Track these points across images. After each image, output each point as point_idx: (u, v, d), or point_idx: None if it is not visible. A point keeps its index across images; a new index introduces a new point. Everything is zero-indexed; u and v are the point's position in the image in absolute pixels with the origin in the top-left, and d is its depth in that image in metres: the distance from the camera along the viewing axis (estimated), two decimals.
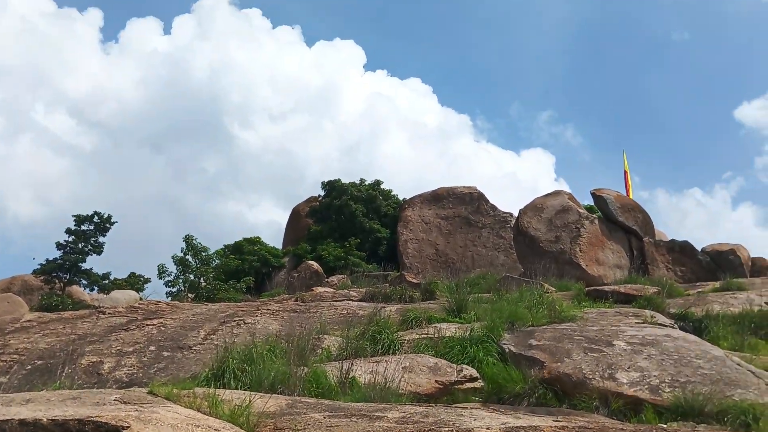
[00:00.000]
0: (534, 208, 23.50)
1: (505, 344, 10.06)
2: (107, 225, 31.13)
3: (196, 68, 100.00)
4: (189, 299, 25.21)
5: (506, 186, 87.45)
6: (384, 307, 13.19)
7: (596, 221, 22.45)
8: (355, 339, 10.21)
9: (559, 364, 8.95)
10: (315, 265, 30.44)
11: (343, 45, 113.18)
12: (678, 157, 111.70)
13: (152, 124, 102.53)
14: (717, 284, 17.48)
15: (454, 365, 9.17)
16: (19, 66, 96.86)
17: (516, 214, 25.70)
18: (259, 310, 14.38)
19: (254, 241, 36.13)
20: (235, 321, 12.94)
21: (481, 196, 33.24)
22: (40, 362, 10.73)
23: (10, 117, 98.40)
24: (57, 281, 29.77)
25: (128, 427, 4.28)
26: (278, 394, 7.11)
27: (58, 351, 11.01)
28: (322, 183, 38.59)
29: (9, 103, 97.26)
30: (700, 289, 17.14)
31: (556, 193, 24.40)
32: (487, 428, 4.28)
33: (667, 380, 8.19)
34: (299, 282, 27.48)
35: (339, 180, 38.15)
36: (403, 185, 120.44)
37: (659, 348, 9.25)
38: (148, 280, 36.09)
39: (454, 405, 7.17)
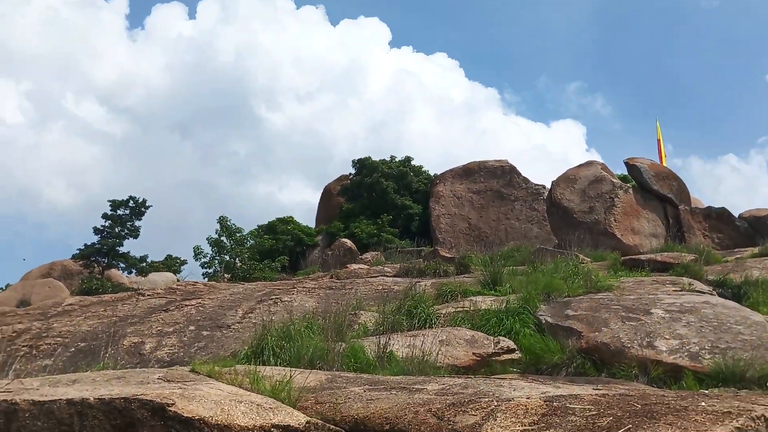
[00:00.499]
0: (567, 179, 23.30)
1: (541, 315, 10.04)
2: (142, 209, 31.57)
3: (222, 52, 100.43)
4: (225, 279, 25.49)
5: (536, 158, 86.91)
6: (419, 282, 13.21)
7: (630, 191, 22.21)
8: (391, 314, 10.24)
9: (596, 333, 8.92)
10: (348, 242, 30.56)
11: (368, 23, 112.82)
12: (710, 124, 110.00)
13: (180, 109, 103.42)
14: (755, 250, 17.24)
15: (491, 337, 9.17)
16: (48, 55, 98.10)
17: (548, 186, 25.53)
18: (295, 288, 14.49)
19: (287, 221, 36.35)
20: (271, 299, 13.05)
21: (512, 169, 33.04)
22: (83, 344, 10.95)
23: (41, 106, 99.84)
24: (96, 265, 30.29)
25: (173, 404, 4.36)
26: (317, 369, 7.17)
27: (100, 333, 11.22)
28: (353, 161, 38.66)
29: (39, 92, 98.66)
30: (738, 256, 16.92)
31: (589, 164, 24.14)
32: (528, 398, 4.29)
33: (706, 347, 8.13)
34: (333, 260, 27.62)
35: (369, 158, 38.13)
36: (431, 161, 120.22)
37: (698, 315, 9.17)
38: (184, 262, 36.62)
39: (492, 376, 7.20)
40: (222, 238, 30.03)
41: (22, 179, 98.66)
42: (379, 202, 35.40)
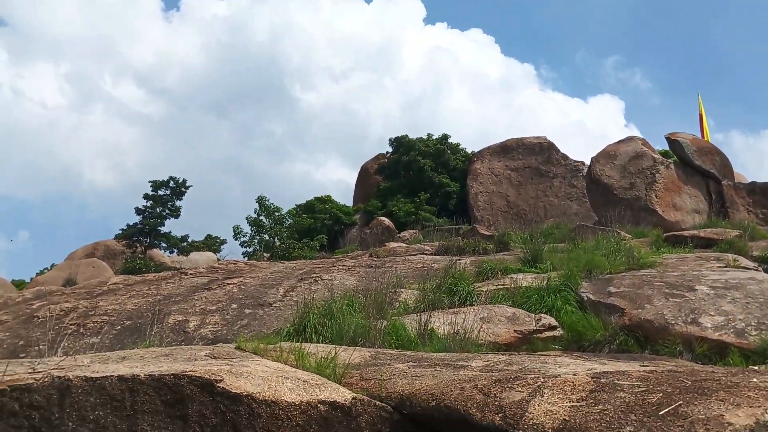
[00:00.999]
0: (606, 155, 23.02)
1: (583, 292, 9.98)
2: (183, 189, 31.96)
3: (256, 31, 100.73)
4: (265, 258, 25.70)
5: (574, 134, 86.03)
6: (458, 260, 13.19)
7: (672, 166, 21.88)
8: (431, 291, 10.26)
9: (639, 310, 8.84)
10: (386, 221, 30.60)
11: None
12: (753, 98, 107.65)
13: (216, 90, 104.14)
14: None
15: (532, 314, 9.15)
16: (86, 38, 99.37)
17: (587, 162, 25.26)
18: (334, 266, 14.56)
19: (325, 200, 36.51)
20: (312, 278, 13.14)
21: (551, 146, 32.75)
22: (128, 322, 11.15)
23: (81, 88, 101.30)
24: (138, 245, 30.78)
25: (222, 380, 4.42)
26: (359, 346, 7.21)
27: (145, 311, 11.41)
28: (390, 139, 38.62)
29: (78, 75, 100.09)
30: None
31: (629, 139, 23.80)
32: (574, 374, 4.27)
33: (753, 323, 8.02)
34: (371, 238, 27.71)
35: (406, 136, 38.05)
36: (467, 138, 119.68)
37: (744, 291, 9.03)
38: (224, 242, 37.01)
39: (535, 353, 7.18)
40: (261, 217, 30.27)
41: (64, 160, 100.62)
42: (417, 180, 35.34)
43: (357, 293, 10.22)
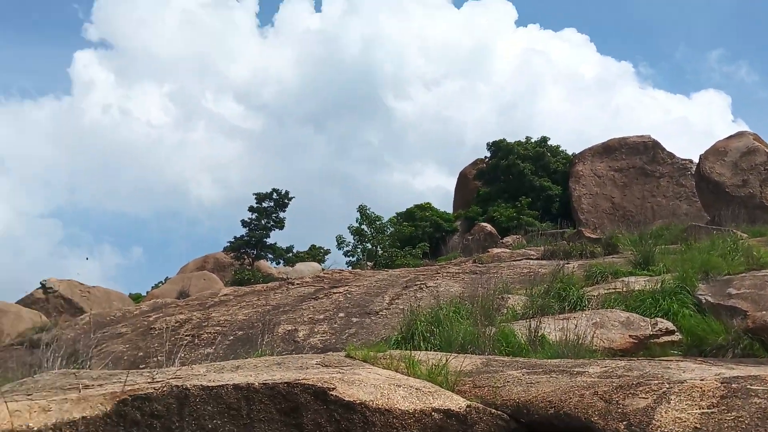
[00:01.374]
0: (716, 152, 22.09)
1: (701, 295, 9.55)
2: (286, 200, 32.59)
3: (348, 43, 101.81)
4: (368, 267, 25.87)
5: (678, 132, 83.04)
6: (566, 264, 12.89)
7: None
8: (539, 297, 10.06)
9: (764, 312, 8.37)
10: (488, 226, 30.29)
11: (493, 3, 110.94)
12: None
13: (311, 102, 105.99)
14: None
15: (648, 319, 8.81)
16: (186, 57, 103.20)
17: (695, 160, 24.33)
18: (438, 273, 14.52)
19: (425, 207, 36.48)
20: (416, 285, 13.14)
21: (656, 144, 31.71)
22: (240, 332, 11.42)
23: (184, 106, 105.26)
24: (246, 257, 31.57)
25: (334, 388, 4.43)
26: (469, 354, 7.12)
27: (255, 321, 11.66)
28: (487, 144, 38.26)
29: (181, 93, 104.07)
30: None
31: (740, 135, 22.77)
32: (701, 379, 4.06)
33: None
34: (474, 244, 27.44)
35: (504, 140, 37.62)
36: (564, 140, 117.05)
37: None
38: (327, 252, 37.49)
39: (655, 358, 6.90)
40: (362, 226, 30.53)
41: (172, 176, 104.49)
42: (517, 184, 34.88)
43: (463, 300, 10.15)
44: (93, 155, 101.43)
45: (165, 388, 4.40)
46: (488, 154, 38.29)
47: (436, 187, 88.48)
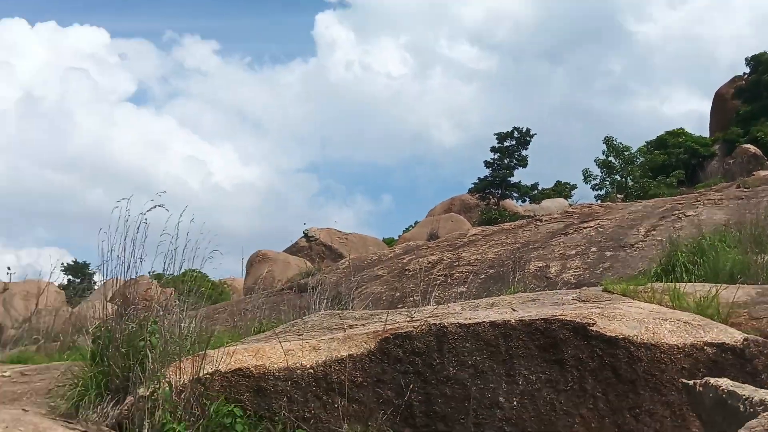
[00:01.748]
0: None
1: None
2: (527, 138, 32.29)
3: None
4: (619, 199, 24.96)
5: None
6: None
7: None
8: None
9: None
10: (752, 148, 27.88)
11: None
12: None
13: (547, 37, 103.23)
14: None
15: None
16: (419, 6, 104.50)
17: None
18: (698, 201, 13.63)
19: (678, 133, 34.35)
20: (674, 215, 12.46)
21: None
22: (491, 271, 11.50)
23: (420, 55, 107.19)
24: (491, 197, 31.84)
25: (594, 323, 4.30)
26: (738, 284, 6.59)
27: (506, 259, 11.68)
28: (746, 59, 35.06)
29: (416, 43, 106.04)
30: None
31: None
32: None
33: None
34: (736, 168, 25.41)
35: (765, 53, 34.28)
36: None
37: None
38: (574, 187, 36.83)
39: None
40: (610, 158, 29.49)
41: (413, 125, 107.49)
42: None
43: (729, 228, 9.42)
44: (340, 111, 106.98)
45: (424, 327, 4.51)
46: (747, 70, 35.12)
47: (688, 112, 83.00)
